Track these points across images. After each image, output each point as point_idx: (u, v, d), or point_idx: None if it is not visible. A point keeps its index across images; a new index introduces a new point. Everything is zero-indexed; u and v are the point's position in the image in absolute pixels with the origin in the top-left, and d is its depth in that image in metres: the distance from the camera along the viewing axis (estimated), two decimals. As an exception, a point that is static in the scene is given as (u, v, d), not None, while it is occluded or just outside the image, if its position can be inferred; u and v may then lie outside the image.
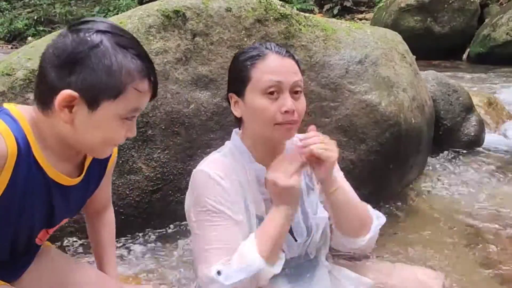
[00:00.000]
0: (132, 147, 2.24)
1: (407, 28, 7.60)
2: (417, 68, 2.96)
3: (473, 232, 2.49)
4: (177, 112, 2.29)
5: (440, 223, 2.59)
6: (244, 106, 1.45)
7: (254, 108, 1.42)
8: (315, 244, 1.57)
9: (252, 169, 1.48)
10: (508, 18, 7.32)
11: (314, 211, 1.57)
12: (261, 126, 1.44)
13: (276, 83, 1.40)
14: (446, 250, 2.29)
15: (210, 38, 2.36)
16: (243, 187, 1.46)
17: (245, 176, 1.47)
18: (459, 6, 7.85)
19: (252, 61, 1.44)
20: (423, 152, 2.92)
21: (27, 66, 2.16)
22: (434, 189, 2.98)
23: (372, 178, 2.50)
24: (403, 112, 2.57)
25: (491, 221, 2.59)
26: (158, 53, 2.29)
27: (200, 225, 1.43)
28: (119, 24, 2.31)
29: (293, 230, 1.52)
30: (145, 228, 2.30)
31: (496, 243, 2.36)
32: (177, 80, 2.31)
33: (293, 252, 1.52)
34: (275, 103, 1.41)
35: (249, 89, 1.43)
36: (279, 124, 1.41)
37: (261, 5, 2.46)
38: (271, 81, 1.40)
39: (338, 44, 2.55)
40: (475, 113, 3.65)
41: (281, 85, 1.41)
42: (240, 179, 1.46)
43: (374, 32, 2.76)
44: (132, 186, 2.24)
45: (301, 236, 1.52)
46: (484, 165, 3.34)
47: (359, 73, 2.50)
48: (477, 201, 2.84)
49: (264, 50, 1.45)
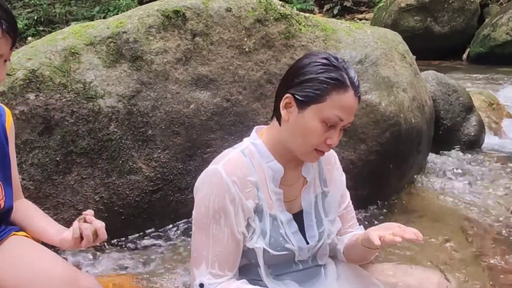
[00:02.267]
0: (132, 147, 2.24)
1: (407, 28, 7.60)
2: (417, 68, 2.96)
3: (473, 232, 2.49)
4: (177, 112, 2.29)
5: (440, 223, 2.59)
6: (298, 115, 1.41)
7: (307, 127, 1.40)
8: (325, 250, 1.57)
9: (270, 168, 1.47)
10: (508, 18, 7.32)
11: (327, 215, 1.57)
12: (301, 144, 1.42)
13: (340, 121, 1.40)
14: (446, 249, 2.29)
15: (210, 38, 2.36)
16: (258, 187, 1.45)
17: (262, 175, 1.46)
18: (459, 6, 7.85)
19: (332, 87, 1.38)
20: (423, 152, 2.92)
21: (27, 66, 2.17)
22: (433, 189, 2.98)
23: (372, 178, 2.50)
24: (403, 112, 2.57)
25: (491, 221, 2.59)
26: (158, 53, 2.29)
27: (198, 227, 1.43)
28: (119, 24, 2.32)
29: (306, 232, 1.52)
30: (145, 228, 2.30)
31: (496, 243, 2.36)
32: (177, 80, 2.31)
33: (303, 255, 1.51)
34: (326, 133, 1.40)
35: (314, 108, 1.39)
36: (317, 151, 1.43)
37: (261, 5, 2.46)
38: (336, 117, 1.39)
39: (338, 44, 2.55)
40: (475, 113, 3.65)
41: (340, 123, 1.41)
42: (256, 179, 1.45)
43: (374, 32, 2.76)
44: (132, 186, 2.24)
45: (313, 239, 1.52)
46: (484, 165, 3.34)
47: (359, 73, 2.50)
48: (477, 201, 2.84)
49: (347, 80, 1.39)
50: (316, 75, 1.39)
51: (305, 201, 1.54)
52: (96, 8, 11.08)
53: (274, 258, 1.46)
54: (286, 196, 1.51)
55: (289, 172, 1.50)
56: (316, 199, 1.56)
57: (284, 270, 1.51)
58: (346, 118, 1.40)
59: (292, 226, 1.50)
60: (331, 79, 1.38)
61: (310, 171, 1.55)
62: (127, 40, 2.28)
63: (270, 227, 1.46)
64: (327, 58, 1.41)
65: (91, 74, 2.22)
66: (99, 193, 2.20)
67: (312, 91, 1.39)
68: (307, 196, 1.55)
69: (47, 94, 2.15)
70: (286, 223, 1.49)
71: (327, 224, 1.56)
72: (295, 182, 1.53)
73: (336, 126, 1.41)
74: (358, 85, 1.42)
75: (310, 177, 1.55)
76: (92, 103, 2.19)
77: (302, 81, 1.41)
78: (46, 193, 2.13)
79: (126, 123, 2.23)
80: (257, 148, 1.48)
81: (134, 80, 2.26)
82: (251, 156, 1.47)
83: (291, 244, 1.48)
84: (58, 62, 2.20)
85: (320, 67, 1.39)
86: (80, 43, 2.26)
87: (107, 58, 2.26)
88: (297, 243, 1.49)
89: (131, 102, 2.24)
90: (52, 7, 11.26)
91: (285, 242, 1.48)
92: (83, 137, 2.17)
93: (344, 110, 1.39)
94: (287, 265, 1.51)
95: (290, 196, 1.52)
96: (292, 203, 1.53)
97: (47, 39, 2.33)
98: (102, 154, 2.20)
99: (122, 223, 2.25)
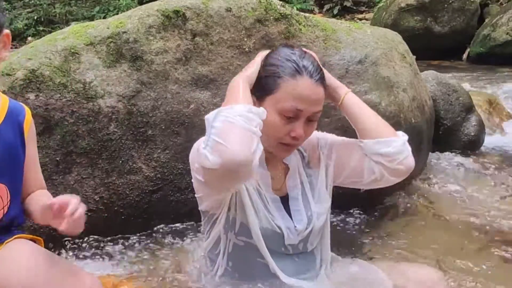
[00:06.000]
0: (132, 147, 2.24)
1: (407, 28, 7.58)
2: (417, 68, 2.96)
3: (472, 232, 2.49)
4: (177, 112, 2.29)
5: (439, 223, 2.59)
6: None
7: (267, 121, 1.40)
8: (315, 235, 1.57)
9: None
10: (508, 18, 7.31)
11: (316, 200, 1.58)
12: (265, 139, 1.43)
13: (297, 111, 1.39)
14: (446, 249, 2.29)
15: (210, 38, 2.36)
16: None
17: None
18: (459, 6, 7.84)
19: (284, 75, 1.40)
20: (423, 152, 2.92)
21: (27, 66, 2.17)
22: (433, 189, 2.98)
23: (372, 178, 2.50)
24: (403, 112, 2.57)
25: (490, 221, 2.59)
26: (158, 53, 2.29)
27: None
28: (119, 24, 2.31)
29: (292, 217, 1.53)
30: (145, 228, 2.29)
31: (496, 242, 2.36)
32: (177, 80, 2.31)
33: (292, 239, 1.52)
34: (287, 125, 1.41)
35: (269, 100, 1.42)
36: (284, 144, 1.43)
37: (261, 5, 2.46)
38: (292, 108, 1.39)
39: (338, 44, 2.55)
40: (475, 113, 3.65)
41: (300, 113, 1.40)
42: None
43: (374, 32, 2.76)
44: (132, 186, 2.24)
45: (301, 223, 1.53)
46: (484, 165, 3.34)
47: (359, 73, 2.50)
48: (477, 201, 2.84)
49: (300, 68, 1.40)
50: (269, 67, 1.43)
51: (290, 187, 1.55)
52: (96, 8, 11.07)
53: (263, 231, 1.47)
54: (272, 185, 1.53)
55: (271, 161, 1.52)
56: (303, 185, 1.57)
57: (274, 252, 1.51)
58: (305, 107, 1.39)
59: (278, 208, 1.52)
60: (282, 68, 1.40)
61: (291, 158, 1.56)
62: (127, 40, 2.28)
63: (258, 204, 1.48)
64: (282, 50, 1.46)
65: (91, 74, 2.22)
66: (99, 193, 2.20)
67: (264, 84, 1.42)
68: (292, 182, 1.56)
69: (47, 94, 2.15)
70: (272, 203, 1.51)
71: (315, 207, 1.57)
72: (279, 171, 1.55)
73: (297, 117, 1.40)
74: (315, 71, 1.41)
75: (292, 163, 1.56)
76: (92, 103, 2.19)
77: (259, 78, 1.45)
78: (46, 193, 2.13)
79: (126, 123, 2.23)
80: None
81: (134, 80, 2.26)
82: None
83: (279, 222, 1.49)
84: (58, 62, 2.20)
85: (273, 60, 1.44)
86: (80, 43, 2.25)
87: (107, 58, 2.26)
88: (285, 223, 1.50)
89: (131, 102, 2.24)
90: (52, 7, 11.24)
91: (273, 218, 1.49)
92: (83, 137, 2.17)
93: (299, 99, 1.39)
94: (277, 246, 1.51)
95: (275, 185, 1.54)
96: (278, 192, 1.55)
97: (47, 39, 2.33)
98: (102, 154, 2.20)
99: (122, 223, 2.25)
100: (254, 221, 1.47)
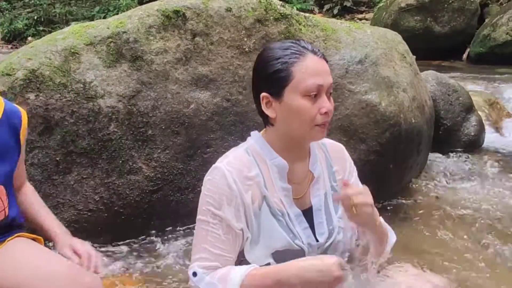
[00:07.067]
0: (132, 147, 2.24)
1: (407, 28, 7.58)
2: (417, 68, 2.96)
3: (473, 231, 2.49)
4: (177, 112, 2.29)
5: (439, 223, 2.58)
6: (281, 106, 1.43)
7: (295, 109, 1.41)
8: (335, 248, 1.55)
9: (274, 166, 1.48)
10: (508, 18, 7.30)
11: (337, 212, 1.57)
12: (299, 127, 1.43)
13: (318, 86, 1.40)
14: (446, 249, 2.29)
15: (210, 38, 2.36)
16: (262, 185, 1.46)
17: (267, 172, 1.48)
18: (459, 6, 7.84)
19: (291, 60, 1.41)
20: (423, 152, 2.92)
21: (27, 66, 2.17)
22: (433, 189, 2.98)
23: (372, 178, 2.48)
24: (403, 112, 2.57)
25: (491, 221, 2.59)
26: (158, 53, 2.29)
27: (199, 220, 1.47)
28: (119, 24, 2.32)
29: (315, 230, 1.52)
30: (145, 228, 2.30)
31: (496, 242, 2.36)
32: (177, 80, 2.31)
33: (312, 252, 1.50)
34: (315, 104, 1.41)
35: (289, 90, 1.41)
36: (318, 125, 1.43)
37: (261, 5, 2.46)
38: (313, 84, 1.39)
39: (338, 44, 2.55)
40: (475, 113, 3.65)
41: (321, 88, 1.41)
42: (259, 177, 1.46)
43: (374, 32, 2.76)
44: (132, 186, 2.24)
45: (322, 236, 1.52)
46: (484, 165, 3.34)
47: (359, 73, 2.50)
48: (477, 201, 2.84)
49: (301, 49, 1.42)
50: (273, 62, 1.43)
51: (314, 197, 1.54)
52: (96, 8, 11.07)
53: (283, 254, 1.46)
54: (294, 193, 1.51)
55: (295, 168, 1.51)
56: (326, 195, 1.56)
57: None
58: (323, 81, 1.41)
59: (301, 222, 1.50)
60: (286, 56, 1.41)
61: (317, 166, 1.55)
62: (127, 40, 2.28)
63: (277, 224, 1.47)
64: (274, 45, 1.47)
65: (91, 74, 2.22)
66: (99, 193, 2.20)
67: (278, 76, 1.42)
68: (316, 192, 1.54)
69: (47, 94, 2.15)
70: (295, 219, 1.50)
71: (337, 221, 1.55)
72: (303, 178, 1.53)
73: (320, 93, 1.42)
74: (314, 48, 1.44)
75: (317, 172, 1.55)
76: (92, 103, 2.19)
77: (266, 76, 1.44)
78: (46, 193, 2.13)
79: (126, 123, 2.23)
80: (260, 146, 1.50)
81: (134, 80, 2.26)
82: (255, 154, 1.49)
83: (300, 241, 1.48)
84: (58, 62, 2.20)
85: (272, 55, 1.44)
86: (80, 43, 2.26)
87: (107, 58, 2.26)
88: (307, 239, 1.49)
89: (131, 102, 2.24)
90: (52, 7, 11.25)
91: (295, 238, 1.48)
92: (83, 137, 2.17)
93: (316, 74, 1.41)
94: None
95: (298, 193, 1.52)
96: (301, 200, 1.53)
97: (47, 39, 2.33)
98: (102, 154, 2.20)
99: (122, 223, 2.25)
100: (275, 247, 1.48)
